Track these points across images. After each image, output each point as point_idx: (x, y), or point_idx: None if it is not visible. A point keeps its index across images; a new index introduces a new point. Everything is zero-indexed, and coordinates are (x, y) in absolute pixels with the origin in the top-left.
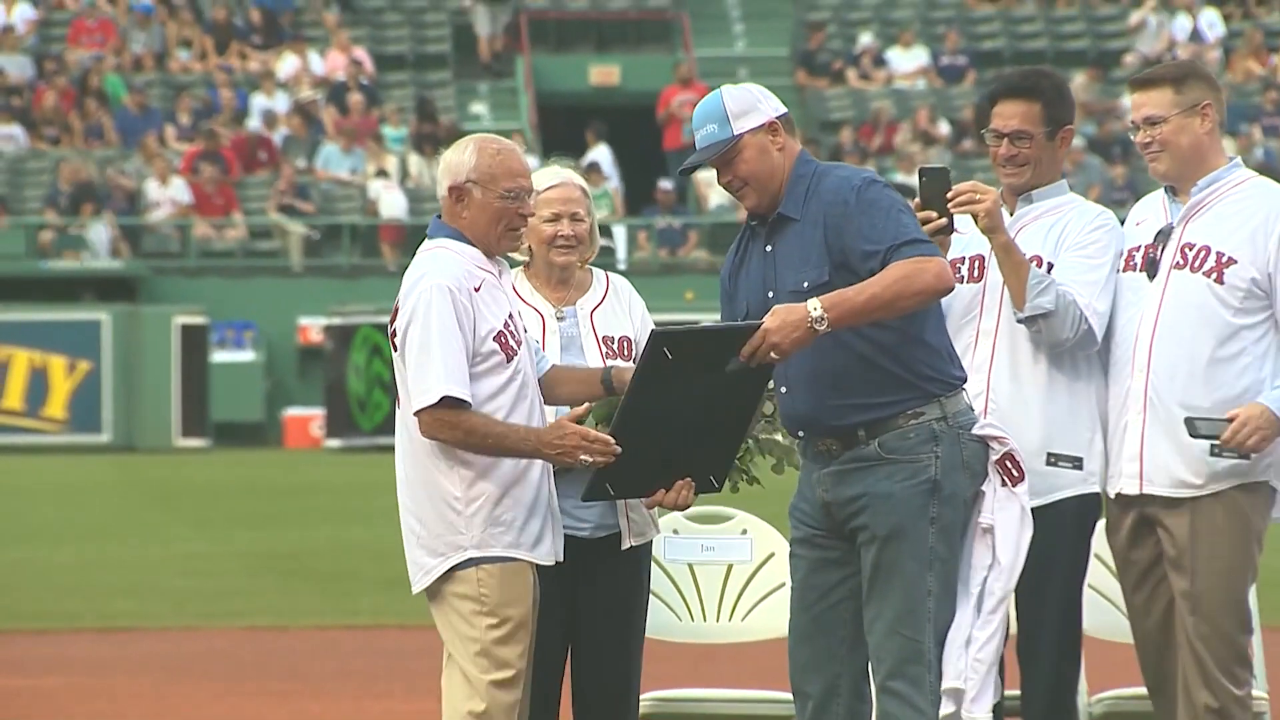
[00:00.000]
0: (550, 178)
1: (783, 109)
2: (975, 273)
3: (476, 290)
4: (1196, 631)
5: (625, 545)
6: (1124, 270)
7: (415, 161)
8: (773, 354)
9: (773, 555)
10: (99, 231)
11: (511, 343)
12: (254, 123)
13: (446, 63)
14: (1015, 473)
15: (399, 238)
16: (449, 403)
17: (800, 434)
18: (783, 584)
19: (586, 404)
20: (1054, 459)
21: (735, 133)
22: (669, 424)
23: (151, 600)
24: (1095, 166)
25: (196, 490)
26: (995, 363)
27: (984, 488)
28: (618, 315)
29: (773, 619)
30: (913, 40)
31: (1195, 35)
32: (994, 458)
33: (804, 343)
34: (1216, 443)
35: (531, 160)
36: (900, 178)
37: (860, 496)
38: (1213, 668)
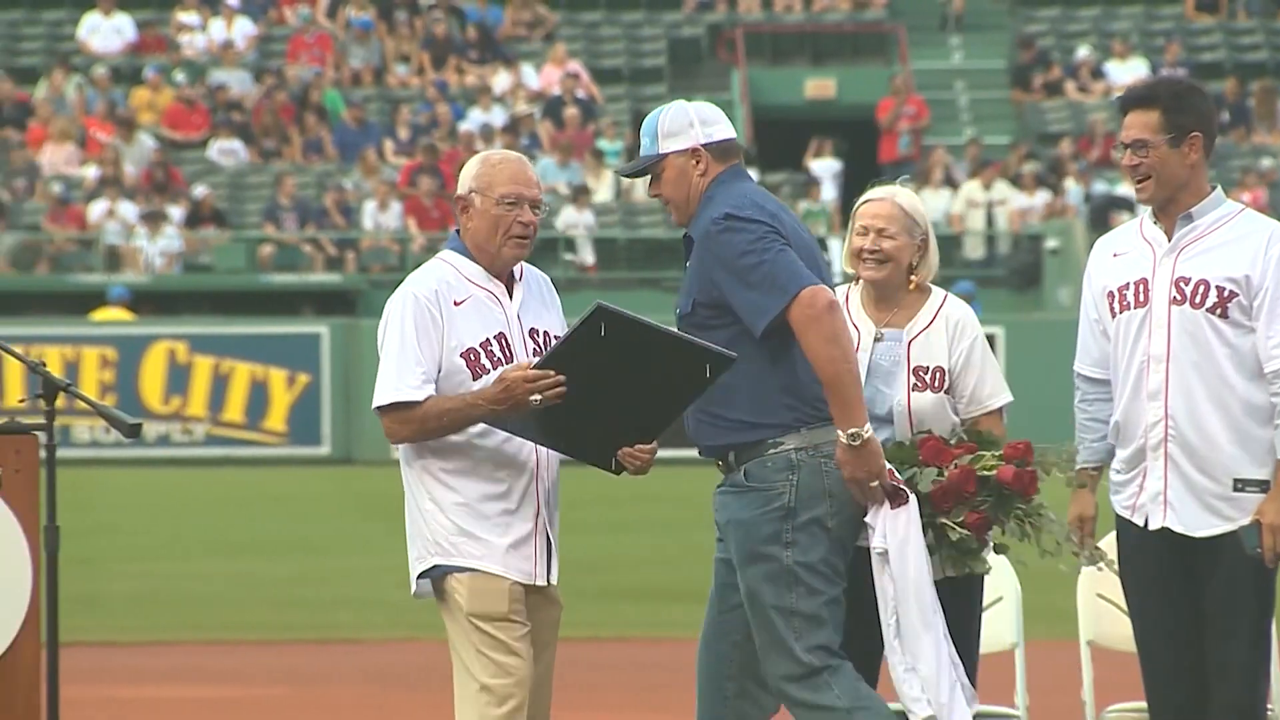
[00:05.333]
0: (872, 193)
1: (720, 136)
2: (1140, 297)
3: (458, 304)
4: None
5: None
6: None
7: None
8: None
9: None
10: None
11: (484, 362)
12: (470, 136)
13: (662, 76)
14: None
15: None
16: (400, 405)
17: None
18: (1000, 598)
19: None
20: (1241, 485)
21: (660, 151)
22: (593, 394)
23: (371, 612)
24: None
25: None
26: (1170, 389)
27: (870, 516)
28: (939, 344)
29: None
30: (1130, 52)
31: None
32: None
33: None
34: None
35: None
36: (1121, 190)
37: (726, 523)
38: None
